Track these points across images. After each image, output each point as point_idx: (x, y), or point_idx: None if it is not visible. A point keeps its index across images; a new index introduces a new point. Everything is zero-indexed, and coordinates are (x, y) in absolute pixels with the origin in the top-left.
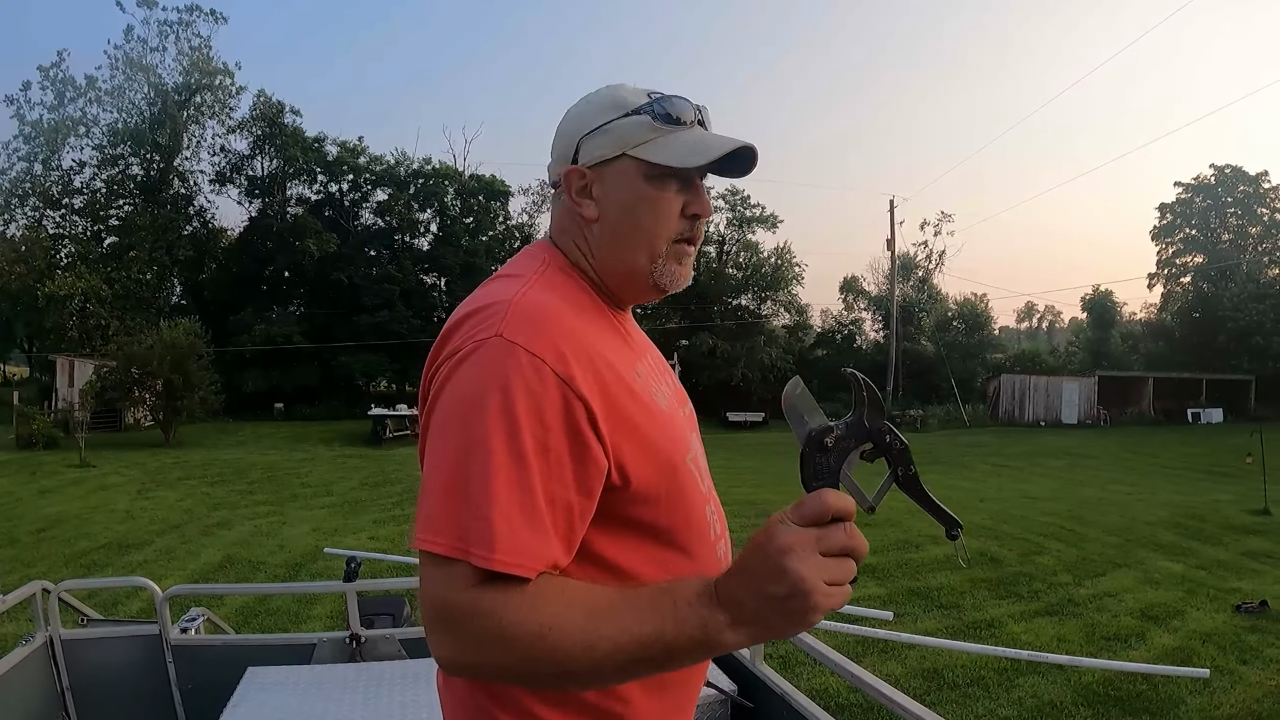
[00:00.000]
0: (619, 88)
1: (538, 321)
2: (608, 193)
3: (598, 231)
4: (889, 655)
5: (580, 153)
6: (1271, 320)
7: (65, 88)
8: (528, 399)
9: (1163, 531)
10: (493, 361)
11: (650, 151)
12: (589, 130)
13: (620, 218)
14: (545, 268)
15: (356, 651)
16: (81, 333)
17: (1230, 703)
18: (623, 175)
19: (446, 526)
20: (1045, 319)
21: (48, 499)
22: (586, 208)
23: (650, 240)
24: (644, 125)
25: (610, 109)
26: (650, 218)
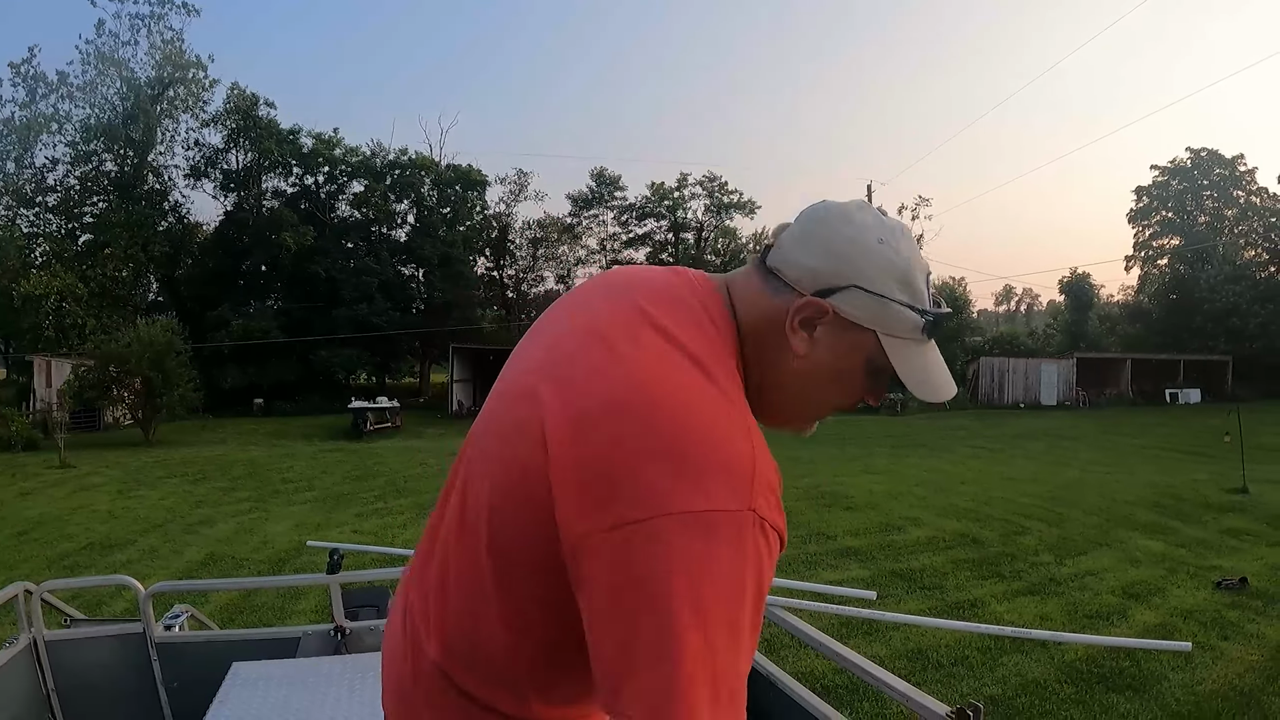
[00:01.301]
0: (915, 256)
1: (774, 493)
2: (826, 346)
3: (788, 367)
4: (873, 637)
5: (839, 294)
6: (1248, 301)
7: (37, 84)
8: (755, 575)
9: (1142, 511)
10: (751, 544)
11: (895, 350)
12: (865, 288)
13: (820, 376)
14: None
15: (341, 644)
16: (58, 332)
17: (1212, 678)
18: (853, 344)
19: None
20: (1023, 302)
21: (28, 501)
22: (799, 341)
23: (823, 407)
24: (912, 325)
25: (900, 284)
26: (839, 394)
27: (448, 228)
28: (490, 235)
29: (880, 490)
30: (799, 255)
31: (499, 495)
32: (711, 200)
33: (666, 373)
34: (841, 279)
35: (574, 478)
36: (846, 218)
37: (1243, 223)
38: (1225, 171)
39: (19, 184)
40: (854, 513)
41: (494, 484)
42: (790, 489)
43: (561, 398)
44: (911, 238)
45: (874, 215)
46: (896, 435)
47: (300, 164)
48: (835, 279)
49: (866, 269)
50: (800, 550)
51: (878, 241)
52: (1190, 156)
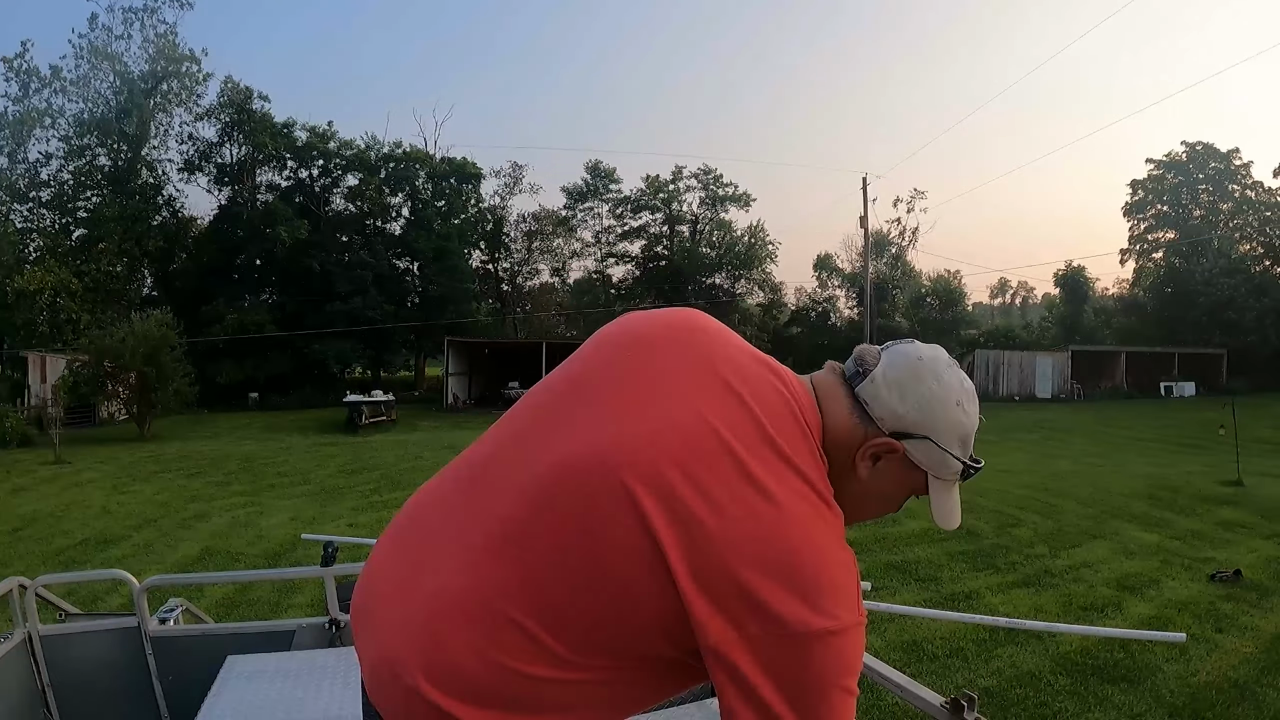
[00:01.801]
0: (974, 418)
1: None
2: (886, 476)
3: (850, 486)
4: (868, 628)
5: (914, 440)
6: (1243, 295)
7: (30, 79)
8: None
9: (1137, 503)
10: (855, 649)
11: (936, 488)
12: (936, 443)
13: (870, 496)
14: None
15: (336, 636)
16: (52, 327)
17: (1207, 670)
18: (906, 478)
19: None
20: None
21: (22, 497)
22: (864, 469)
23: (864, 518)
24: (955, 471)
25: (960, 442)
26: (878, 509)
27: (442, 221)
28: (485, 228)
29: None
30: (889, 398)
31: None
32: (706, 193)
33: (798, 510)
34: (920, 429)
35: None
36: (937, 376)
37: (1238, 216)
38: (1221, 165)
39: (12, 179)
40: None
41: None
42: None
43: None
44: (976, 400)
45: (958, 377)
46: None
47: (294, 157)
48: (915, 428)
49: (942, 427)
50: None
51: (956, 404)
52: (1186, 150)
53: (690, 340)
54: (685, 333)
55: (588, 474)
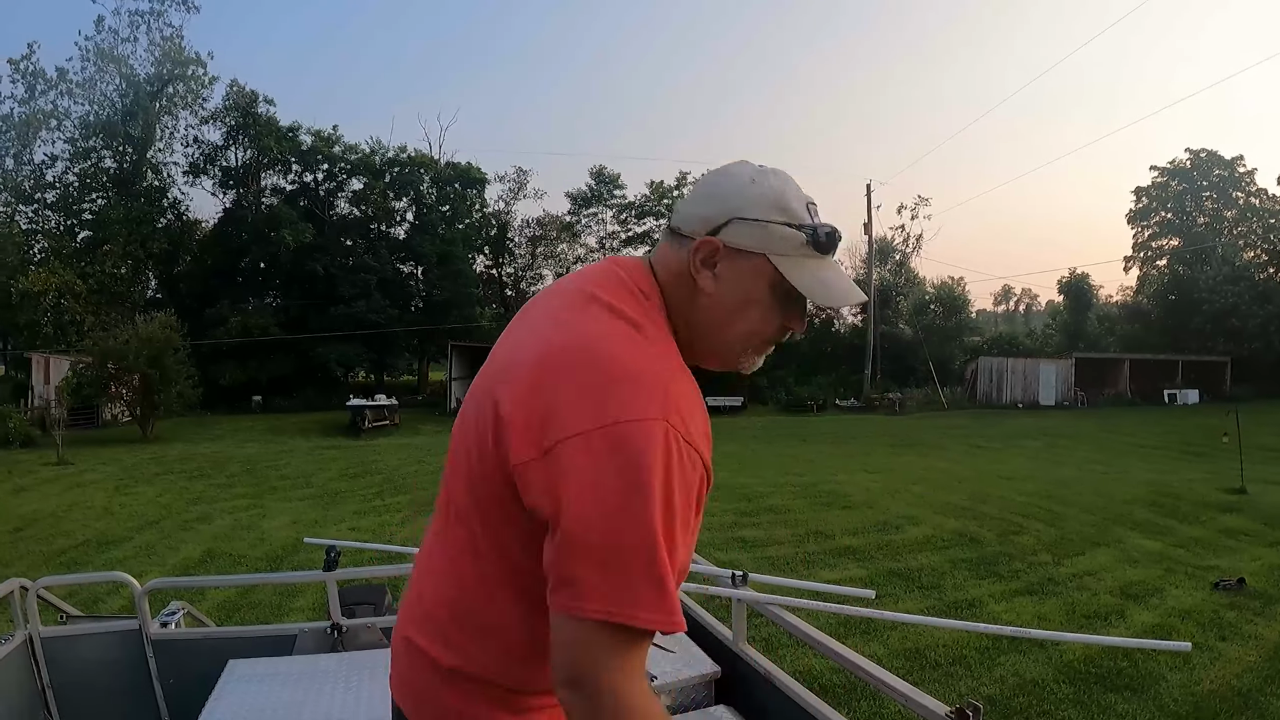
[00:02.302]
0: (787, 187)
1: (688, 411)
2: (730, 279)
3: (705, 305)
4: (871, 636)
5: (725, 229)
6: (1247, 302)
7: (36, 80)
8: (682, 479)
9: (1140, 510)
10: (660, 448)
11: (789, 268)
12: (745, 217)
13: (732, 307)
14: (659, 328)
15: (338, 641)
16: (56, 329)
17: (1211, 678)
18: (753, 272)
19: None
20: (1022, 302)
21: (24, 497)
22: (704, 279)
23: (745, 336)
24: (797, 242)
25: (775, 209)
26: (757, 321)
27: (447, 225)
28: (489, 233)
29: (878, 489)
30: (689, 209)
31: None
32: None
33: (605, 331)
34: (723, 215)
35: (521, 423)
36: (723, 171)
37: (1242, 224)
38: (1225, 172)
39: (18, 180)
40: (851, 511)
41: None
42: (787, 487)
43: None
44: (787, 178)
45: (749, 166)
46: (894, 434)
47: (299, 161)
48: (719, 218)
49: (742, 203)
50: (798, 549)
51: (749, 181)
52: (1190, 157)
53: (562, 280)
54: (563, 278)
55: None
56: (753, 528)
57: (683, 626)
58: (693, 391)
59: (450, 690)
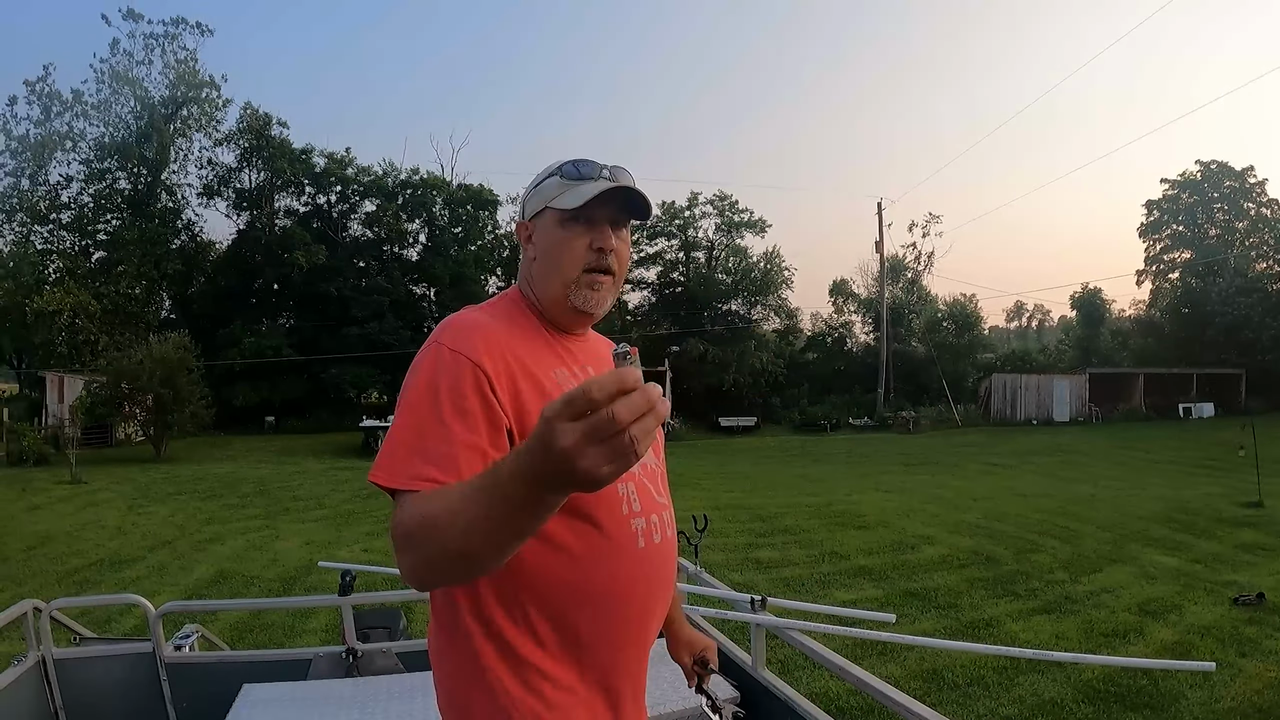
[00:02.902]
0: (546, 169)
1: (465, 330)
2: (538, 239)
3: (535, 270)
4: (888, 657)
5: (525, 209)
6: (1260, 314)
7: (51, 102)
8: (447, 378)
9: (1157, 526)
10: (430, 358)
11: (559, 202)
12: (529, 192)
13: (544, 257)
14: (499, 298)
15: (353, 666)
16: (70, 348)
17: (1231, 695)
18: (545, 224)
19: (385, 466)
20: (1035, 318)
21: (37, 516)
22: (529, 251)
23: (563, 271)
24: (557, 183)
25: (542, 174)
26: (562, 253)
27: (459, 247)
28: (502, 254)
29: (892, 508)
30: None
31: None
32: (722, 219)
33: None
34: (522, 203)
35: None
36: None
37: (1254, 235)
38: (1235, 184)
39: (33, 201)
40: (866, 531)
41: None
42: (801, 508)
43: None
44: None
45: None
46: (908, 453)
47: (312, 183)
48: (523, 206)
49: (529, 187)
50: (814, 570)
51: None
52: (1200, 169)
53: None
54: None
55: None
56: (768, 549)
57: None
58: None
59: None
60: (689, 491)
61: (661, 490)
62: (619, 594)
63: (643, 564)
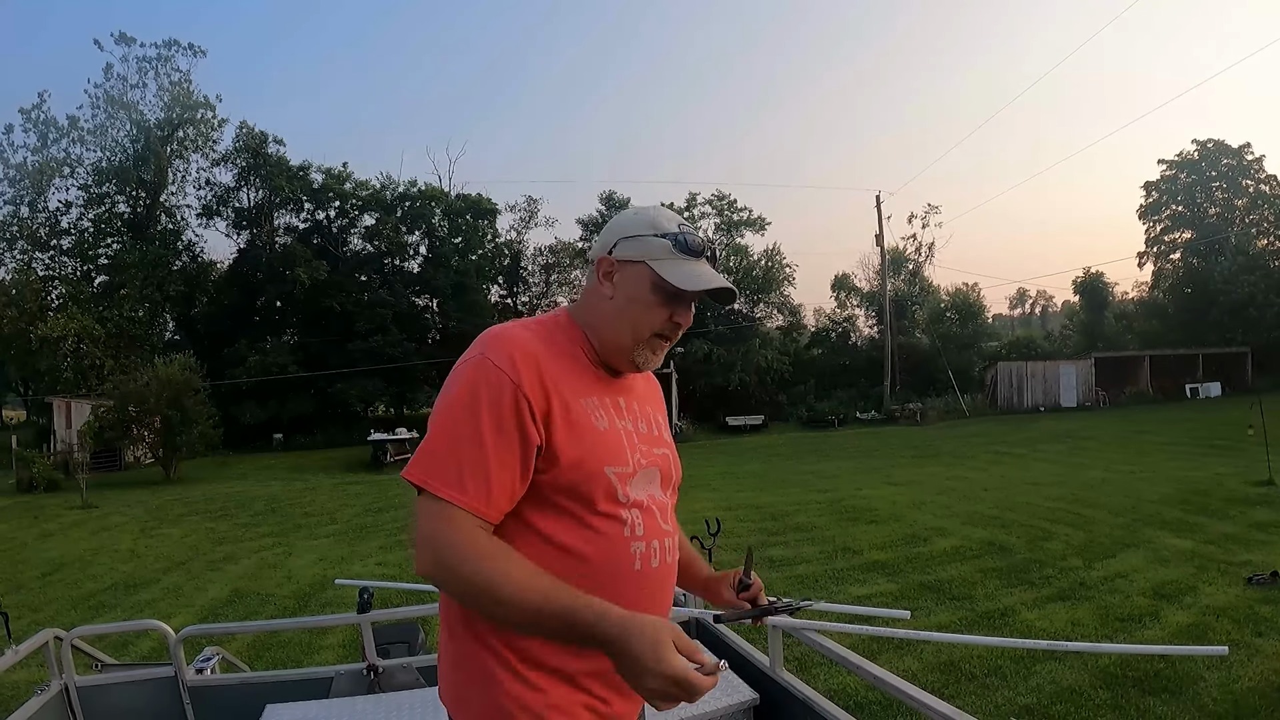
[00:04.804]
0: (660, 213)
1: (507, 345)
2: (622, 284)
3: (606, 309)
4: (905, 651)
5: (615, 248)
6: (1263, 291)
7: (48, 129)
8: (489, 392)
9: (1168, 509)
10: (473, 369)
11: (662, 268)
12: (627, 235)
13: (624, 305)
14: (547, 319)
15: (374, 682)
16: (76, 373)
17: (1249, 676)
18: (637, 276)
19: (423, 464)
20: (1038, 304)
21: (51, 542)
22: (605, 288)
23: (637, 329)
24: (665, 248)
25: (648, 227)
26: (644, 313)
27: (460, 257)
28: (503, 263)
29: (903, 501)
30: (595, 244)
31: None
32: (721, 218)
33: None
34: (614, 238)
35: None
36: (614, 216)
37: (1254, 212)
38: (1233, 161)
39: (33, 228)
40: (878, 525)
41: None
42: (812, 504)
43: None
44: (662, 209)
45: (632, 208)
46: (916, 445)
47: (311, 199)
48: (611, 241)
49: (627, 227)
50: (827, 566)
51: (634, 214)
52: (1197, 148)
53: None
54: None
55: None
56: (780, 546)
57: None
58: (529, 339)
59: (453, 653)
60: (701, 493)
61: (668, 519)
62: None
63: (639, 585)
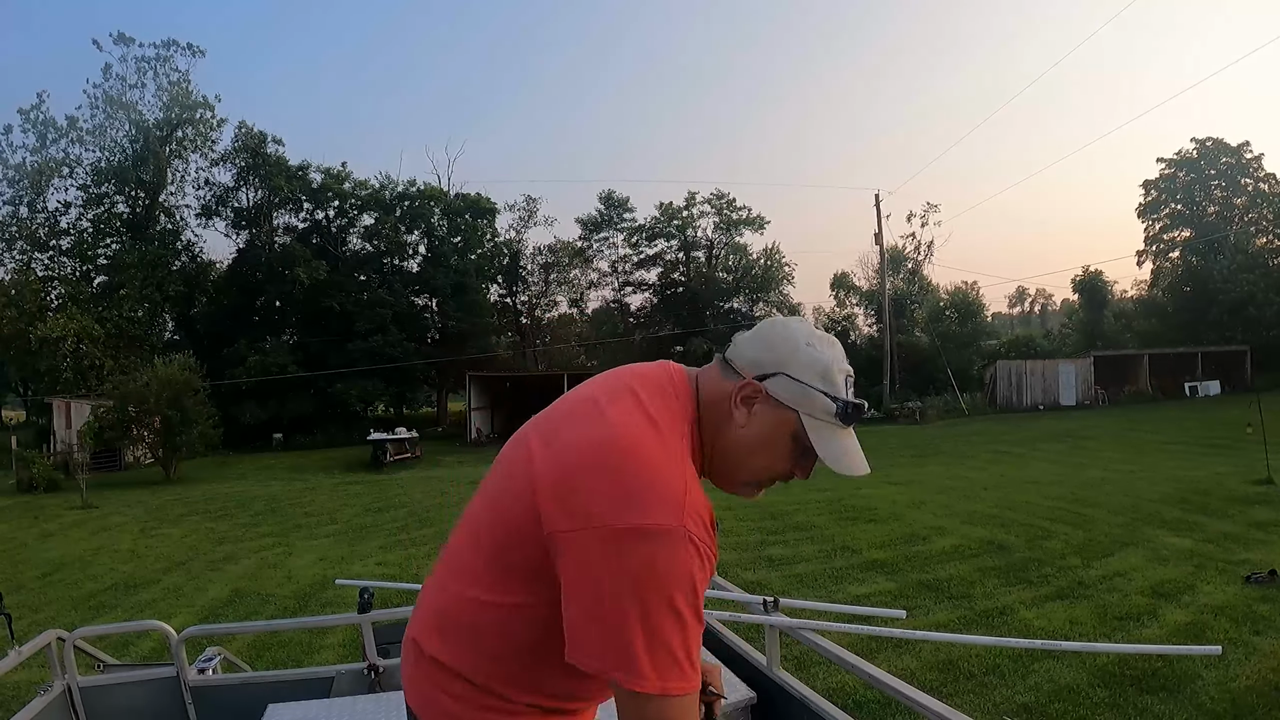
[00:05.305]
0: (834, 360)
1: (703, 520)
2: (761, 420)
3: (732, 434)
4: (904, 650)
5: (771, 379)
6: (1263, 290)
7: (47, 129)
8: (698, 580)
9: (1167, 508)
10: (681, 551)
11: (813, 429)
12: (791, 374)
13: (754, 443)
14: (686, 440)
15: (375, 682)
16: (76, 374)
17: (1246, 674)
18: (781, 422)
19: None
20: (1037, 303)
21: (51, 542)
22: (740, 414)
23: (756, 471)
24: (827, 410)
25: (819, 377)
26: (771, 460)
27: (459, 257)
28: (502, 262)
29: (903, 500)
30: (746, 349)
31: (499, 507)
32: (720, 217)
33: (629, 426)
34: (773, 367)
35: (557, 494)
36: (785, 325)
37: (1252, 210)
38: (1232, 160)
39: (33, 228)
40: (877, 524)
41: (494, 501)
42: (811, 504)
43: (545, 438)
44: (838, 348)
45: (808, 326)
46: (917, 444)
47: (310, 199)
48: (769, 367)
49: (793, 362)
50: (826, 565)
51: (806, 344)
52: (1196, 147)
53: (618, 369)
54: (619, 368)
55: (515, 441)
56: (780, 545)
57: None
58: (699, 487)
59: (447, 690)
60: None
61: None
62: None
63: None
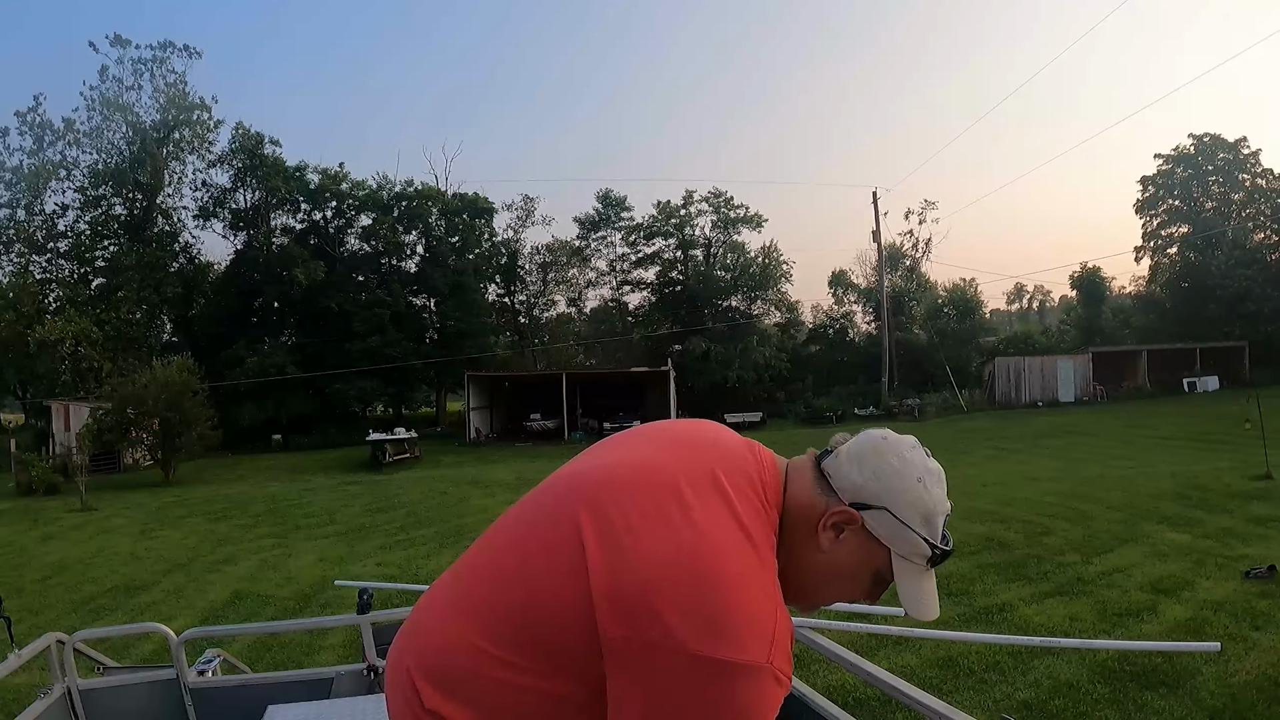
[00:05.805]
0: (940, 501)
1: (788, 654)
2: (848, 549)
3: (811, 557)
4: (904, 647)
5: (870, 511)
6: (1260, 285)
7: (43, 131)
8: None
9: (1166, 503)
10: (769, 689)
11: (901, 570)
12: (894, 514)
13: (834, 571)
14: (769, 548)
15: (375, 683)
16: (75, 376)
17: (1245, 670)
18: (870, 555)
19: None
20: (1035, 299)
21: (51, 545)
22: (826, 538)
23: (829, 597)
24: (921, 554)
25: (921, 519)
26: (845, 590)
27: (457, 256)
28: (500, 262)
29: None
30: (850, 469)
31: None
32: (718, 216)
33: (719, 538)
34: (877, 500)
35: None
36: (899, 453)
37: (1250, 206)
38: (1229, 155)
39: (30, 231)
40: None
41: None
42: None
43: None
44: (944, 484)
45: (921, 457)
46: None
47: (308, 200)
48: (872, 498)
49: (900, 499)
50: None
51: (917, 480)
52: (1194, 143)
53: (702, 432)
54: (703, 428)
55: (548, 489)
56: None
57: None
58: (786, 613)
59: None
60: None
61: None
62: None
63: None
